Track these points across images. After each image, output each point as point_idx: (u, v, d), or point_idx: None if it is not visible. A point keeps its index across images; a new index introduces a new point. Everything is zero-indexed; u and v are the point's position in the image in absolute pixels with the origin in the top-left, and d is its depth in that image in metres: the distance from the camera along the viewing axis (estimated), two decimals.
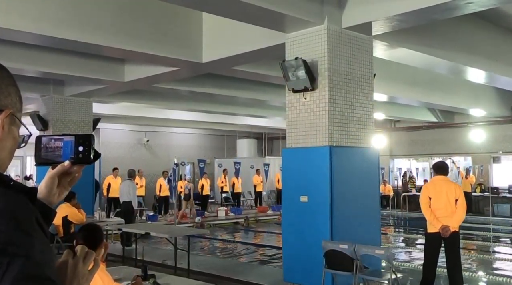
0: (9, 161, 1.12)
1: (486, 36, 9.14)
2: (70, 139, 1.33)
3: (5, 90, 1.08)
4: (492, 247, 11.78)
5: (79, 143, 1.32)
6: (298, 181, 6.68)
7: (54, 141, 1.34)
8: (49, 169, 1.33)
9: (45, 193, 1.29)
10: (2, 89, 1.07)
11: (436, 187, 5.93)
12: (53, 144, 1.34)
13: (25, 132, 1.24)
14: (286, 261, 6.85)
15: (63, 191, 1.35)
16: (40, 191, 1.30)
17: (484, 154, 18.57)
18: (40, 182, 1.33)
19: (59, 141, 1.33)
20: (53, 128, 12.13)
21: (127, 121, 19.34)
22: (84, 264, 1.20)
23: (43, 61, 9.39)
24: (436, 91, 13.61)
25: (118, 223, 9.72)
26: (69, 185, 1.35)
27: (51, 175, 1.31)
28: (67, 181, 1.34)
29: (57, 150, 1.33)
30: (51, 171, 1.32)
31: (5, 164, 1.10)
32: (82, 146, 1.32)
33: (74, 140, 1.32)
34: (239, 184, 19.52)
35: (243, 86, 12.44)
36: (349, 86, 6.76)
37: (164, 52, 8.06)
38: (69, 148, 1.33)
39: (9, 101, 1.09)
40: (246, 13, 6.16)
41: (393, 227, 16.45)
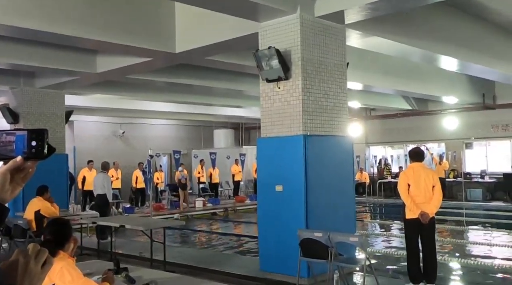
0: None
1: (458, 24, 9.25)
2: (22, 133, 1.28)
3: None
4: (465, 231, 12.04)
5: (32, 138, 1.28)
6: (273, 170, 6.68)
7: (6, 135, 1.29)
8: (1, 165, 1.28)
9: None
10: None
11: (415, 174, 6.01)
12: (4, 138, 1.29)
13: None
14: (262, 250, 6.88)
15: (17, 187, 1.30)
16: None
17: (457, 141, 18.91)
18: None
19: (11, 136, 1.29)
20: (24, 121, 11.88)
21: (102, 113, 19.07)
22: (36, 263, 1.16)
23: (12, 53, 9.15)
24: (410, 79, 13.77)
25: (92, 216, 9.60)
26: (22, 181, 1.31)
27: (2, 171, 1.27)
28: (20, 177, 1.30)
29: (9, 145, 1.29)
30: (2, 167, 1.27)
31: None
32: (35, 141, 1.28)
33: (27, 134, 1.28)
34: (216, 175, 19.49)
35: (219, 76, 12.37)
36: (322, 75, 6.77)
37: (137, 42, 7.94)
38: (22, 143, 1.28)
39: None
40: (218, 2, 6.10)
41: (369, 214, 16.66)
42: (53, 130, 12.26)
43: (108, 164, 11.33)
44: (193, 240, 11.79)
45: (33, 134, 1.28)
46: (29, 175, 1.33)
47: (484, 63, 10.56)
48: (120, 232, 9.97)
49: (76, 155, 19.15)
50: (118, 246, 8.91)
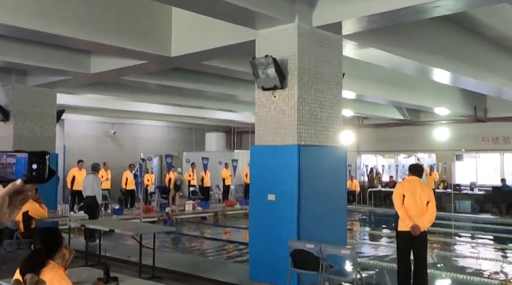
0: None
1: (451, 38, 9.31)
2: (23, 156, 1.25)
3: None
4: (453, 243, 12.09)
5: (32, 161, 1.25)
6: (266, 179, 6.66)
7: (6, 157, 1.26)
8: None
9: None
10: None
11: (411, 186, 6.06)
12: (4, 160, 1.26)
13: None
14: (252, 259, 6.84)
15: (14, 210, 1.27)
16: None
17: (447, 152, 19.03)
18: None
19: (12, 158, 1.26)
20: (14, 118, 11.75)
21: (93, 112, 18.91)
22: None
23: (4, 50, 9.04)
24: (403, 90, 13.85)
25: (81, 218, 9.50)
26: (20, 204, 1.28)
27: (1, 195, 1.23)
28: (18, 200, 1.27)
29: (9, 167, 1.25)
30: (1, 190, 1.24)
31: None
32: (36, 164, 1.25)
33: (28, 157, 1.25)
34: (207, 179, 19.43)
35: (212, 80, 12.34)
36: (318, 85, 6.77)
37: (132, 45, 7.88)
38: (22, 166, 1.25)
39: None
40: (216, 9, 6.07)
41: (358, 223, 16.69)
42: (43, 128, 12.15)
43: (99, 165, 11.25)
44: (183, 245, 11.72)
45: (34, 156, 1.25)
46: (27, 198, 1.30)
47: (477, 77, 10.64)
48: (109, 235, 9.88)
49: (66, 154, 18.98)
50: (106, 249, 8.82)
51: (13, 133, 11.67)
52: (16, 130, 11.71)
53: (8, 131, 11.82)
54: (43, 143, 12.09)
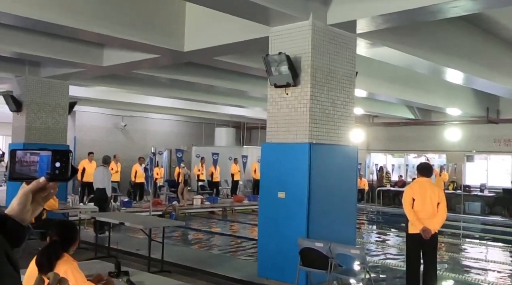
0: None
1: (466, 38, 9.22)
2: (47, 154, 1.26)
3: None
4: (461, 245, 12.03)
5: (56, 159, 1.26)
6: (277, 176, 6.66)
7: (30, 155, 1.27)
8: (23, 185, 1.26)
9: (17, 210, 1.23)
10: None
11: (421, 189, 6.00)
12: (28, 158, 1.27)
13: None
14: (261, 256, 6.85)
15: (37, 207, 1.28)
16: (12, 208, 1.24)
17: (458, 153, 18.90)
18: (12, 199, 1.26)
19: (35, 156, 1.27)
20: (27, 109, 11.84)
21: (104, 105, 19.01)
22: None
23: (19, 41, 9.11)
24: (414, 89, 13.76)
25: (91, 210, 9.57)
26: (43, 202, 1.29)
27: (25, 192, 1.25)
28: (41, 197, 1.28)
29: (33, 165, 1.27)
30: (25, 187, 1.25)
31: None
32: (59, 162, 1.26)
33: (51, 155, 1.26)
34: (217, 174, 19.48)
35: (223, 75, 12.34)
36: (331, 84, 6.75)
37: (145, 39, 7.90)
38: (45, 163, 1.26)
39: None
40: (230, 5, 6.07)
41: (366, 222, 16.66)
42: (55, 120, 12.24)
43: (109, 158, 11.31)
44: (191, 239, 11.77)
45: (57, 155, 1.26)
46: (50, 195, 1.31)
47: (490, 78, 10.54)
48: (118, 227, 9.95)
49: (77, 146, 19.11)
50: (115, 242, 8.88)
51: (26, 124, 11.77)
52: (28, 120, 11.80)
53: (21, 121, 11.92)
54: (55, 134, 12.19)
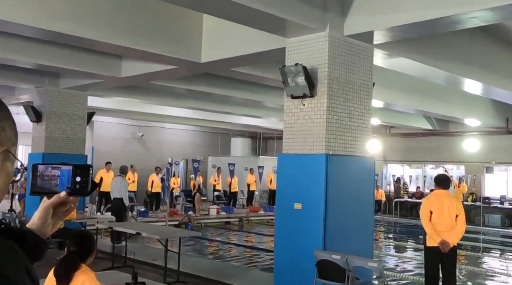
0: (1, 198, 1.07)
1: (484, 48, 9.13)
2: (67, 168, 1.28)
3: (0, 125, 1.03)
4: (481, 258, 11.81)
5: (76, 174, 1.28)
6: (293, 187, 6.62)
7: (51, 169, 1.29)
8: (44, 199, 1.28)
9: (38, 225, 1.24)
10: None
11: (438, 201, 5.93)
12: (50, 172, 1.29)
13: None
14: (277, 267, 6.81)
15: (58, 221, 1.30)
16: (33, 222, 1.25)
17: (477, 164, 18.63)
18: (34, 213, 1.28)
19: (56, 170, 1.29)
20: (46, 120, 12.02)
21: (122, 115, 19.21)
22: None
23: (39, 53, 9.27)
24: (432, 99, 13.63)
25: (109, 220, 9.64)
26: (63, 216, 1.31)
27: (46, 206, 1.26)
28: (62, 211, 1.30)
29: (54, 179, 1.29)
30: (46, 201, 1.27)
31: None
32: (79, 177, 1.28)
33: (72, 170, 1.28)
34: (235, 184, 19.48)
35: (239, 86, 12.39)
36: (348, 94, 6.72)
37: (162, 50, 7.98)
38: (66, 178, 1.28)
39: (3, 136, 1.04)
40: (247, 16, 6.09)
41: (384, 233, 16.47)
42: (74, 130, 12.40)
43: (126, 168, 11.42)
44: (207, 250, 11.76)
45: (77, 169, 1.28)
46: (70, 210, 1.33)
47: (509, 88, 10.39)
48: (135, 237, 9.99)
49: (94, 155, 19.31)
50: (132, 251, 8.91)
51: (45, 134, 11.93)
52: (48, 131, 11.97)
53: (40, 132, 12.09)
54: (74, 144, 12.34)
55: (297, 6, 6.12)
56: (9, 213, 10.02)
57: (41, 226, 1.25)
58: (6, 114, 1.06)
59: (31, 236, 1.16)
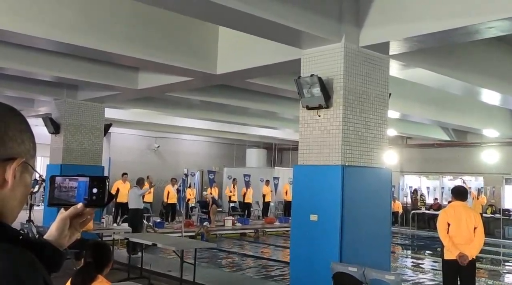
0: (20, 209, 1.09)
1: (502, 58, 9.02)
2: (84, 180, 1.30)
3: (19, 137, 1.04)
4: (501, 271, 11.57)
5: (93, 185, 1.29)
6: (309, 199, 6.58)
7: (68, 181, 1.30)
8: (61, 210, 1.29)
9: (55, 236, 1.25)
10: (15, 136, 1.03)
11: (456, 214, 5.83)
12: (67, 184, 1.30)
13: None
14: (293, 279, 6.75)
15: (74, 233, 1.31)
16: (51, 234, 1.26)
17: (496, 175, 18.34)
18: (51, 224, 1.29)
19: (74, 181, 1.30)
20: (64, 131, 12.17)
21: (138, 126, 19.39)
22: None
23: (57, 66, 9.42)
24: (449, 110, 13.50)
25: (125, 231, 9.68)
26: (80, 227, 1.32)
27: (63, 217, 1.28)
28: (78, 222, 1.31)
29: (71, 191, 1.30)
30: (63, 213, 1.28)
31: (15, 213, 1.07)
32: (96, 188, 1.29)
33: (89, 181, 1.29)
34: (250, 195, 19.46)
35: (255, 97, 12.42)
36: (364, 105, 6.69)
37: (179, 62, 8.05)
38: (83, 189, 1.29)
39: (22, 148, 1.05)
40: (262, 28, 6.12)
41: (401, 245, 16.25)
42: (91, 142, 12.53)
43: (143, 180, 11.49)
44: (222, 261, 11.72)
45: (94, 181, 1.30)
46: (87, 221, 1.34)
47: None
48: (151, 248, 10.02)
49: (111, 166, 19.47)
50: (148, 262, 8.93)
51: (63, 146, 12.08)
52: (65, 142, 12.12)
53: (58, 143, 12.25)
54: (91, 156, 12.46)
55: (313, 17, 6.13)
56: (27, 223, 10.13)
57: (58, 237, 1.26)
58: (25, 126, 1.07)
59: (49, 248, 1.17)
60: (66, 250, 1.28)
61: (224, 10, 5.31)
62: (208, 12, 5.71)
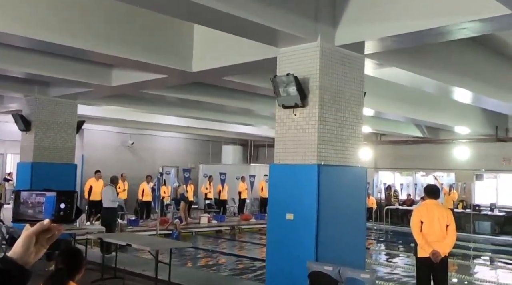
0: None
1: (474, 58, 9.20)
2: (52, 194, 1.25)
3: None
4: (471, 266, 11.83)
5: (61, 200, 1.25)
6: (285, 198, 6.59)
7: (35, 196, 1.26)
8: (26, 226, 1.24)
9: (20, 253, 1.20)
10: None
11: (429, 212, 5.93)
12: (34, 199, 1.26)
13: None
14: (269, 278, 6.76)
15: (41, 249, 1.26)
16: (16, 251, 1.21)
17: (467, 171, 18.75)
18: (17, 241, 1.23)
19: (41, 196, 1.25)
20: (36, 129, 11.89)
21: (112, 123, 19.10)
22: None
23: (28, 62, 9.19)
24: (422, 108, 13.72)
25: (99, 231, 9.53)
26: (47, 243, 1.27)
27: (28, 234, 1.22)
28: (45, 238, 1.26)
29: (38, 206, 1.25)
30: (28, 229, 1.23)
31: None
32: (64, 203, 1.25)
33: (56, 196, 1.25)
34: (225, 192, 19.42)
35: (231, 95, 12.38)
36: (339, 104, 6.72)
37: (154, 59, 7.94)
38: (51, 205, 1.25)
39: None
40: (238, 26, 6.08)
41: (375, 241, 16.47)
42: (64, 139, 12.28)
43: (117, 178, 11.34)
44: (198, 259, 11.66)
45: (62, 196, 1.26)
46: (54, 237, 1.29)
47: (499, 98, 10.49)
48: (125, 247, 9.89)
49: (84, 164, 19.15)
50: (122, 262, 8.83)
51: (34, 143, 11.81)
52: (37, 140, 11.85)
53: (29, 141, 11.97)
54: (63, 153, 12.22)
55: (289, 16, 6.12)
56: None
57: (24, 254, 1.21)
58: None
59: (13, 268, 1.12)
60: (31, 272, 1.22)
61: (201, 9, 5.25)
62: (184, 11, 5.63)
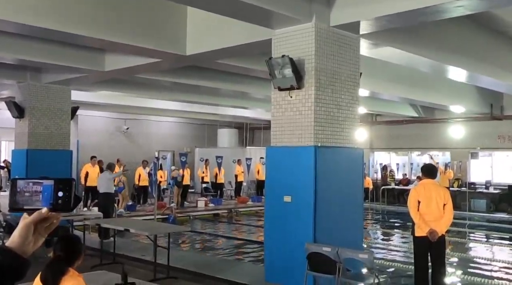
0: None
1: (469, 36, 9.14)
2: (49, 183, 1.22)
3: None
4: (467, 243, 11.95)
5: (58, 188, 1.22)
6: (282, 180, 6.60)
7: (32, 185, 1.23)
8: (24, 215, 1.21)
9: (18, 243, 1.18)
10: None
11: (426, 192, 5.94)
12: (31, 188, 1.23)
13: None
14: (268, 260, 6.80)
15: (39, 238, 1.23)
16: (13, 241, 1.19)
17: (462, 150, 18.82)
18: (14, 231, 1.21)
19: (38, 185, 1.23)
20: (29, 115, 11.80)
21: (107, 109, 18.98)
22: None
23: (20, 48, 9.07)
24: (417, 88, 13.69)
25: (96, 217, 9.53)
26: (45, 232, 1.24)
27: (26, 223, 1.20)
28: (43, 227, 1.23)
29: (35, 195, 1.23)
30: (26, 218, 1.20)
31: None
32: (62, 192, 1.22)
33: (54, 184, 1.22)
34: (222, 175, 19.43)
35: (226, 78, 12.30)
36: (335, 85, 6.69)
37: (147, 43, 7.86)
38: (48, 194, 1.22)
39: None
40: (232, 9, 6.01)
41: (372, 221, 16.59)
42: (58, 126, 12.21)
43: (114, 165, 11.31)
44: (196, 243, 11.72)
45: (60, 184, 1.23)
46: (53, 225, 1.26)
47: (494, 76, 10.46)
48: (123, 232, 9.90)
49: (80, 149, 19.07)
50: (120, 247, 8.85)
51: (28, 130, 11.73)
52: (31, 127, 11.77)
53: (23, 128, 11.89)
54: (58, 140, 12.15)
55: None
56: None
57: (22, 244, 1.18)
58: None
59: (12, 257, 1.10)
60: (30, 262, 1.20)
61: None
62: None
